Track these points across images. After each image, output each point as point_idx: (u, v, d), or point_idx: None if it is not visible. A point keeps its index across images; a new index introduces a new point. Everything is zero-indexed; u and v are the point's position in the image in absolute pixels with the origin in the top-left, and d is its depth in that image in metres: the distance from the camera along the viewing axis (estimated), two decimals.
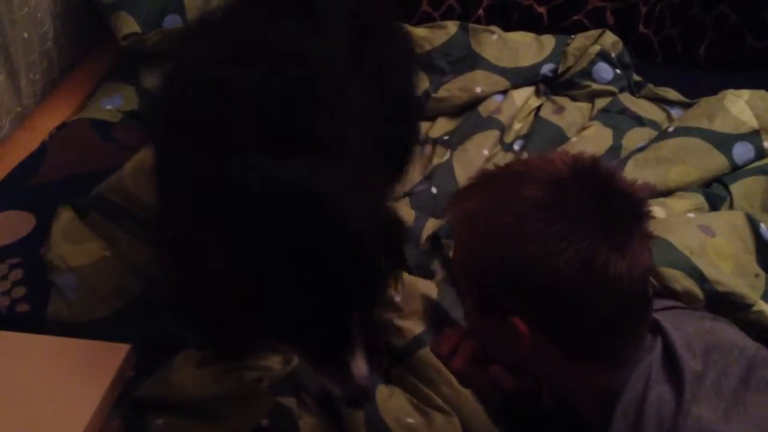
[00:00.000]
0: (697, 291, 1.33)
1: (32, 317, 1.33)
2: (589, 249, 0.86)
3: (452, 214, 1.00)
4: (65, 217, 1.45)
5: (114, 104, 1.85)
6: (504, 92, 1.90)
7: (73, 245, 1.40)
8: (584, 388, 0.93)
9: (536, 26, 2.09)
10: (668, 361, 0.90)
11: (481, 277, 0.94)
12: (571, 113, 1.85)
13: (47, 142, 1.72)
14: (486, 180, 0.99)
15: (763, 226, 1.47)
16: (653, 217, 0.93)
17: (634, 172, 1.59)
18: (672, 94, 1.93)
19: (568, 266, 0.85)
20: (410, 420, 1.24)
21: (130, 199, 1.50)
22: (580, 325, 0.89)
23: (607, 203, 0.89)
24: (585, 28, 2.05)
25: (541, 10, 2.11)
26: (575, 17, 2.10)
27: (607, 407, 0.89)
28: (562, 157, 0.93)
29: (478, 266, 0.94)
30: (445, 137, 1.80)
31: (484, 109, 1.86)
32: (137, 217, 1.49)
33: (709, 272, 1.36)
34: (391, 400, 1.28)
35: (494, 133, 1.77)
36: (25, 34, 1.71)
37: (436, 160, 1.73)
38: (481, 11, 2.11)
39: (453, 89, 1.89)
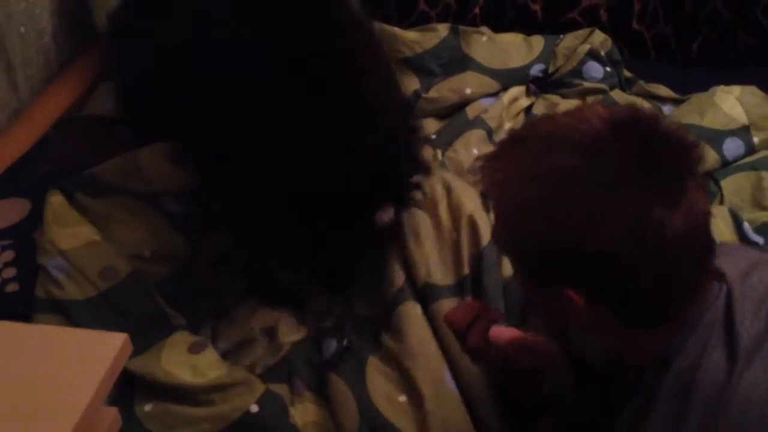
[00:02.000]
0: None
1: (22, 297, 1.34)
2: (637, 213, 0.78)
3: (483, 185, 0.90)
4: (55, 201, 1.45)
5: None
6: (494, 95, 1.90)
7: (62, 228, 1.41)
8: (641, 352, 0.88)
9: (531, 24, 2.11)
10: (728, 320, 0.83)
11: (524, 253, 0.87)
12: (564, 109, 1.85)
13: (48, 136, 1.72)
14: (513, 145, 0.89)
15: (746, 224, 1.49)
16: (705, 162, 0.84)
17: None
18: (663, 91, 1.94)
19: (615, 236, 0.78)
20: (402, 398, 1.23)
21: (137, 175, 1.49)
22: (638, 294, 0.82)
23: (653, 156, 0.80)
24: (579, 26, 2.07)
25: (536, 7, 2.12)
26: (569, 15, 2.11)
27: (655, 370, 0.85)
28: (597, 112, 0.83)
29: (518, 242, 0.87)
30: (432, 136, 1.80)
31: (471, 111, 1.86)
32: (137, 192, 1.48)
33: None
34: (380, 377, 1.27)
35: (480, 133, 1.78)
36: (22, 29, 1.72)
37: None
38: (477, 9, 2.12)
39: (443, 90, 1.89)
